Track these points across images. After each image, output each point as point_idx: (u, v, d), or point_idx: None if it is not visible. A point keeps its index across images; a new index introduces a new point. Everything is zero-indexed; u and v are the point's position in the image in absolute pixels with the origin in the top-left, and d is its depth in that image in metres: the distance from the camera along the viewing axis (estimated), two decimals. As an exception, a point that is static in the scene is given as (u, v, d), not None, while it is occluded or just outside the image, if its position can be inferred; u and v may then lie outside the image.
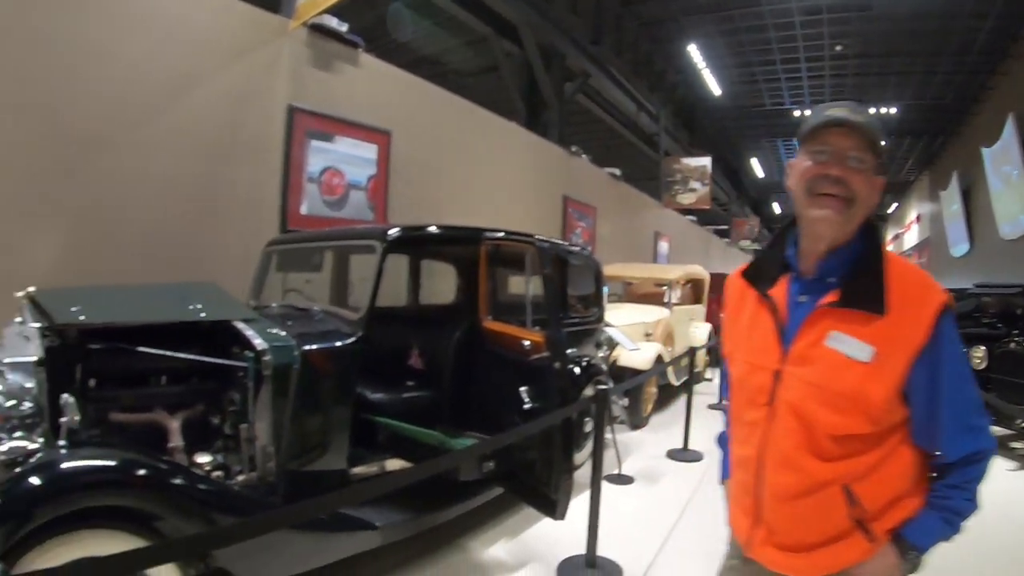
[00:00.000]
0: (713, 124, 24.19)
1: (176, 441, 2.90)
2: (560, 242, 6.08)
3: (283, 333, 3.15)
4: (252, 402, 2.98)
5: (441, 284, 5.66)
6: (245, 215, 5.18)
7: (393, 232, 3.63)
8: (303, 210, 5.55)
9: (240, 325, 3.11)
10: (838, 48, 16.97)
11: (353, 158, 6.00)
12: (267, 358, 2.97)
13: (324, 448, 3.23)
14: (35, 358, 2.58)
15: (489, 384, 4.00)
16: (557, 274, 5.32)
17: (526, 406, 3.65)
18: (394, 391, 4.03)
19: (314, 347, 3.17)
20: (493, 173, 8.54)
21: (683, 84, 20.49)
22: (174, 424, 2.91)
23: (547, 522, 4.03)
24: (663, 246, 16.80)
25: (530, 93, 11.94)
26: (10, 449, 2.31)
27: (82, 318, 2.75)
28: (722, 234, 27.73)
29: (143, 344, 2.88)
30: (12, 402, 2.48)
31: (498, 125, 8.82)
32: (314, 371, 3.13)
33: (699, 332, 9.87)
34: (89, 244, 4.22)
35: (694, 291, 10.32)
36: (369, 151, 6.15)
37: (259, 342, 2.99)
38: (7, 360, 2.58)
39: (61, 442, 2.36)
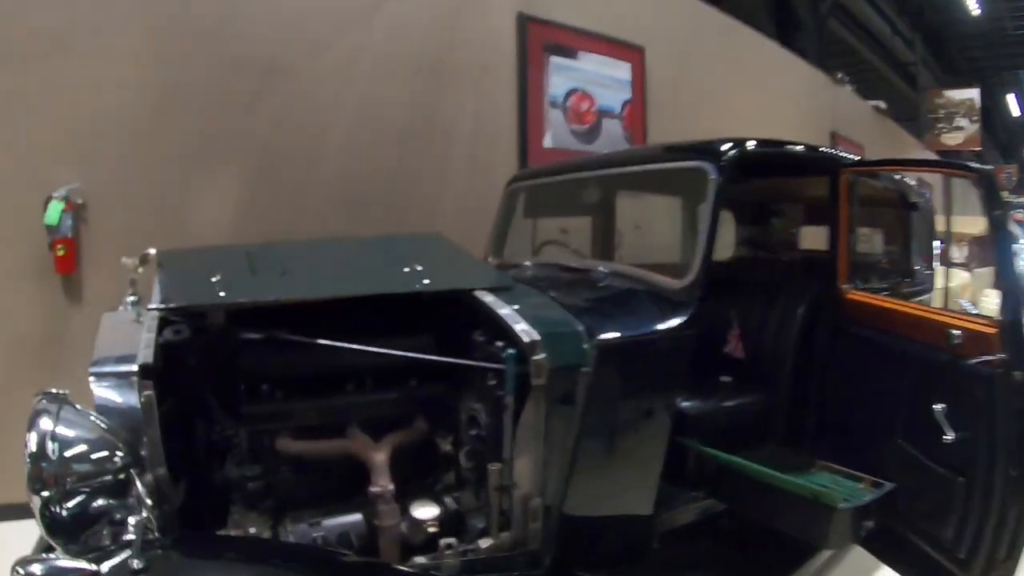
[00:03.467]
0: (962, 53, 20.26)
1: (382, 483, 1.87)
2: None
3: (558, 313, 2.03)
4: (509, 427, 1.87)
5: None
6: (473, 151, 4.28)
7: (729, 149, 2.30)
8: (547, 143, 4.64)
9: (488, 299, 2.00)
10: None
11: (604, 79, 4.97)
12: (539, 356, 1.81)
13: (622, 497, 2.11)
14: (135, 366, 1.58)
15: (856, 389, 2.61)
16: (901, 224, 3.67)
17: (946, 438, 2.13)
18: (704, 395, 2.64)
19: (617, 336, 1.97)
20: (757, 101, 7.23)
21: (929, 4, 17.31)
22: (378, 456, 1.92)
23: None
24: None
25: (779, 12, 10.09)
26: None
27: (223, 294, 1.82)
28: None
29: (327, 331, 1.86)
30: (84, 451, 1.46)
31: (760, 45, 7.55)
32: (618, 376, 1.97)
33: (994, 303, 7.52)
34: (271, 192, 3.62)
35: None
36: (622, 70, 5.10)
37: (523, 327, 1.86)
38: (96, 370, 1.60)
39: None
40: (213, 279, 1.89)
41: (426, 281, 2.03)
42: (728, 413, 2.63)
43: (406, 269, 2.08)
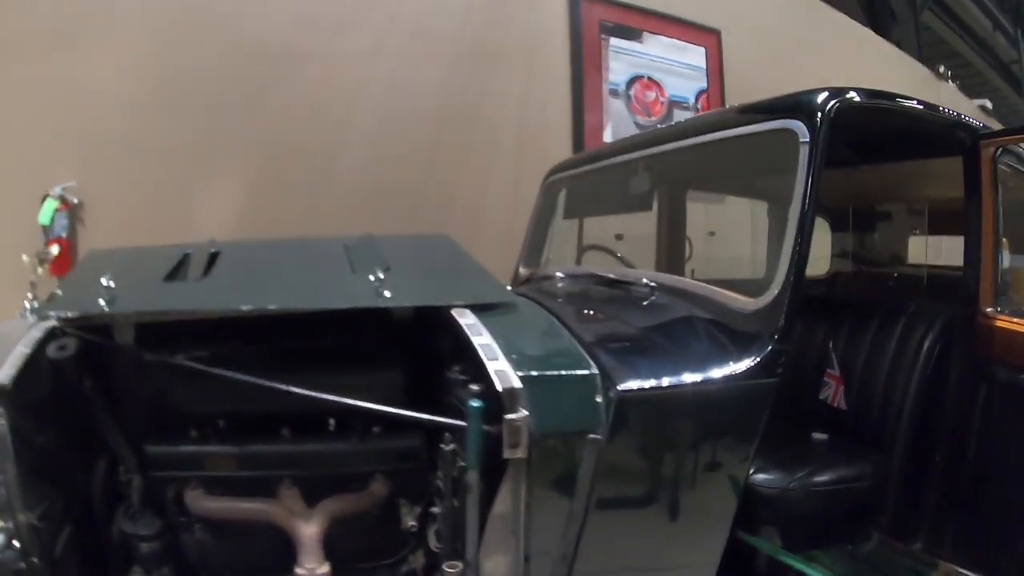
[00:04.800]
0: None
1: (308, 564, 1.43)
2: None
3: (562, 344, 1.50)
4: (474, 515, 1.33)
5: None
6: (519, 145, 3.78)
7: (827, 100, 1.65)
8: (607, 136, 4.09)
9: (466, 321, 1.48)
10: None
11: (674, 65, 4.40)
12: (518, 415, 1.26)
13: None
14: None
15: (1004, 456, 1.91)
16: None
17: None
18: (786, 465, 1.93)
19: (648, 385, 1.40)
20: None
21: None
22: (307, 529, 1.47)
23: None
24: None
25: (872, 4, 9.24)
26: None
27: (102, 302, 1.42)
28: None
29: (270, 357, 1.47)
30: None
31: (853, 32, 6.74)
32: (648, 446, 1.44)
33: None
34: (283, 189, 3.25)
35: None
36: (695, 56, 4.50)
37: (499, 367, 1.32)
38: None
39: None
40: (109, 284, 1.44)
41: (387, 294, 1.50)
42: (823, 496, 1.90)
43: (371, 277, 1.55)
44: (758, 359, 1.47)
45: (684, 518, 1.48)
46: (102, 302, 1.42)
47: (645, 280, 1.92)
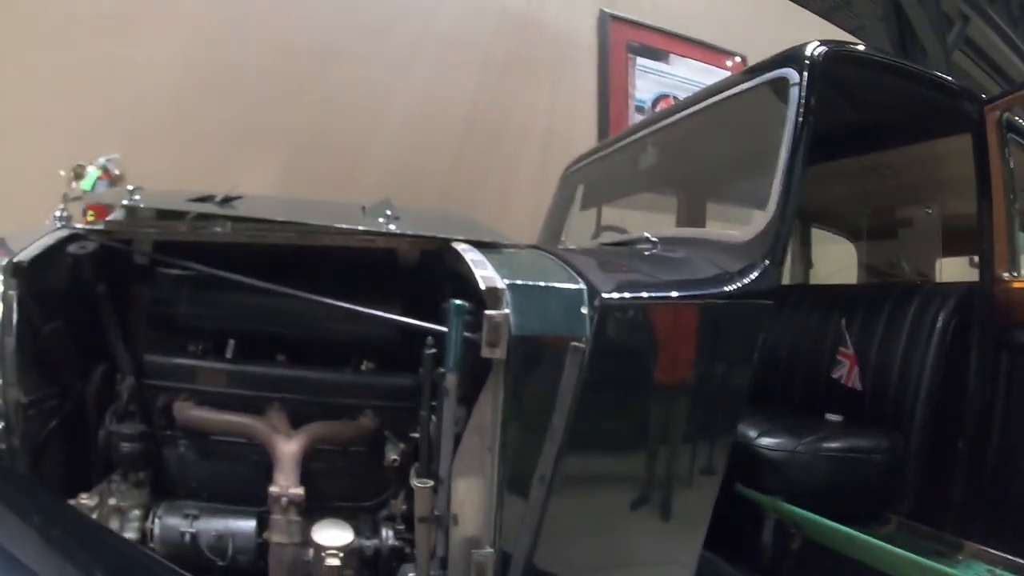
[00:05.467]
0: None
1: (283, 482, 1.40)
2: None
3: (551, 265, 1.46)
4: (450, 424, 1.31)
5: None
6: (545, 154, 3.79)
7: (816, 48, 1.72)
8: None
9: (468, 254, 1.42)
10: None
11: (699, 86, 4.27)
12: (500, 311, 1.24)
13: (633, 564, 1.45)
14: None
15: None
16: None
17: None
18: (795, 433, 1.89)
19: (635, 296, 1.36)
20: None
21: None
22: (286, 447, 1.45)
23: None
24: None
25: (902, 37, 9.21)
26: None
27: (126, 202, 1.52)
28: None
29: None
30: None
31: None
32: (635, 358, 1.36)
33: None
34: (315, 179, 3.32)
35: None
36: (718, 79, 4.36)
37: (486, 273, 1.30)
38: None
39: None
40: (136, 195, 1.52)
41: (392, 227, 1.52)
42: (832, 462, 1.82)
43: (380, 219, 1.57)
44: (749, 278, 1.45)
45: (675, 446, 1.41)
46: (125, 201, 1.49)
47: (646, 234, 1.91)
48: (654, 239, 1.86)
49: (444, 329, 1.28)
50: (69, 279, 1.49)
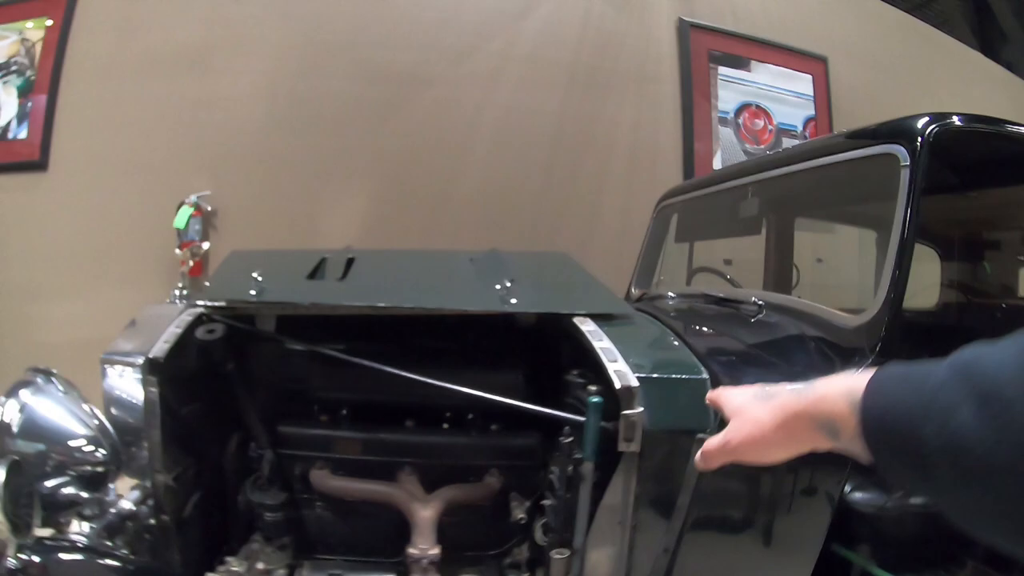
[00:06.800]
0: None
1: (422, 545, 1.51)
2: None
3: (677, 351, 1.58)
4: (586, 505, 1.41)
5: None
6: (631, 168, 3.83)
7: (927, 125, 1.63)
8: (717, 163, 4.10)
9: (587, 327, 1.56)
10: None
11: (781, 93, 4.36)
12: (635, 411, 1.34)
13: None
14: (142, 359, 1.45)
15: None
16: None
17: None
18: (884, 485, 1.94)
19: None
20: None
21: None
22: (423, 512, 1.56)
23: None
24: None
25: (980, 21, 8.81)
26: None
27: (253, 293, 1.61)
28: None
29: (397, 355, 1.55)
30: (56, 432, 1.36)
31: (963, 55, 6.45)
32: None
33: None
34: (405, 204, 3.44)
35: None
36: (802, 84, 4.43)
37: (619, 367, 1.39)
38: (108, 356, 1.47)
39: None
40: (256, 278, 1.62)
41: (513, 301, 1.62)
42: (916, 516, 1.78)
43: (497, 286, 1.67)
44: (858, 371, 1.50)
45: (780, 523, 1.51)
46: (253, 292, 1.59)
47: (753, 298, 1.95)
48: (760, 302, 1.94)
49: (582, 419, 1.38)
50: (198, 364, 1.59)
